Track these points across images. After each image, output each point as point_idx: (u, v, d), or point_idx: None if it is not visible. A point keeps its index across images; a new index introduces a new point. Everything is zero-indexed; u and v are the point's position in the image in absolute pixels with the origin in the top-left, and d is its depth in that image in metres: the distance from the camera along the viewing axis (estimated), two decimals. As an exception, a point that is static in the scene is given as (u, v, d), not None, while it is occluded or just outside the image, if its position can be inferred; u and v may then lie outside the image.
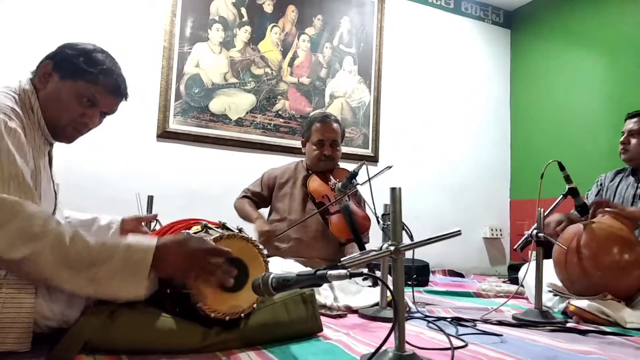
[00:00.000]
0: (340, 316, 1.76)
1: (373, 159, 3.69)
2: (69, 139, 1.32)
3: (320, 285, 1.01)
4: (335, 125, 2.40)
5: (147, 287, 1.08)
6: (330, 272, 0.95)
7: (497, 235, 4.20)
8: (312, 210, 2.31)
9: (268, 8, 3.45)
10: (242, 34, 3.35)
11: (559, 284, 2.05)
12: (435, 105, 4.07)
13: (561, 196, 2.03)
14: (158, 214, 1.69)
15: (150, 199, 2.43)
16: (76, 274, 1.03)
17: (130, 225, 1.60)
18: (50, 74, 1.25)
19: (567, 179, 2.01)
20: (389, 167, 1.99)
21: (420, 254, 3.17)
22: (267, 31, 3.44)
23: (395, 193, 1.11)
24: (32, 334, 1.06)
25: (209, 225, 1.39)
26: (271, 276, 1.03)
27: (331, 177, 2.35)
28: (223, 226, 1.41)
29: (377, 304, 1.84)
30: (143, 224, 1.65)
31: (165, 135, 3.06)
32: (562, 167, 2.00)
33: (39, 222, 1.02)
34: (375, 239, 2.45)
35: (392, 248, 1.07)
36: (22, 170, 1.08)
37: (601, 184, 2.47)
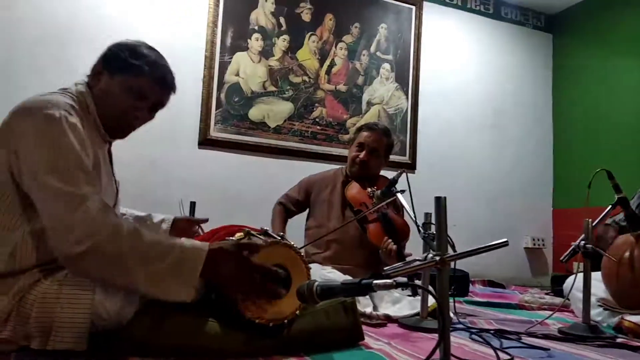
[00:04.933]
0: (380, 325, 1.75)
1: (410, 166, 3.65)
2: (122, 133, 1.36)
3: (365, 294, 1.01)
4: (381, 136, 2.38)
5: (196, 290, 1.11)
6: (375, 281, 0.95)
7: (539, 245, 4.07)
8: (351, 217, 2.31)
9: (306, 17, 3.48)
10: (281, 43, 3.40)
11: (609, 297, 1.98)
12: (474, 111, 4.00)
13: (610, 206, 1.95)
14: (209, 218, 1.73)
15: (193, 205, 2.49)
16: (130, 268, 1.07)
17: (182, 225, 1.66)
18: (101, 72, 1.29)
19: (617, 188, 1.93)
20: (402, 191, 1.98)
21: (460, 263, 3.09)
22: (305, 40, 3.47)
23: (440, 202, 1.10)
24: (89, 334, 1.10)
25: (252, 232, 1.41)
26: (316, 284, 1.04)
27: (369, 185, 2.35)
28: (265, 233, 1.43)
29: (417, 314, 1.82)
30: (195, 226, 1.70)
31: (206, 142, 3.13)
32: (610, 176, 1.92)
33: (99, 216, 1.06)
34: (411, 248, 2.43)
35: (437, 258, 1.06)
36: (85, 161, 1.12)
37: None
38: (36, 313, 1.08)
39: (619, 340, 1.67)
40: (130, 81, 1.27)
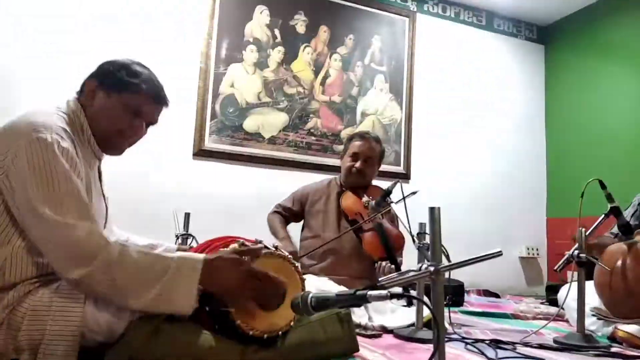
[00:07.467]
0: (375, 336, 1.75)
1: (405, 177, 3.67)
2: (119, 150, 1.37)
3: (359, 305, 1.01)
4: (373, 143, 2.41)
5: (195, 301, 1.11)
6: (370, 292, 0.95)
7: (533, 254, 4.08)
8: (346, 227, 2.31)
9: (301, 29, 3.51)
10: (276, 55, 3.42)
11: (602, 307, 1.98)
12: (468, 122, 4.03)
13: (603, 215, 1.96)
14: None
15: (187, 217, 2.49)
16: (128, 293, 1.08)
17: None
18: (95, 91, 1.30)
19: (609, 198, 1.94)
20: (414, 193, 1.98)
21: (455, 273, 3.10)
22: (300, 51, 3.50)
23: (434, 213, 1.10)
24: (80, 347, 1.09)
25: (246, 243, 1.41)
26: (310, 295, 1.03)
27: (364, 194, 2.35)
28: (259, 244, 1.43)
29: (413, 325, 1.82)
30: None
31: (201, 153, 3.13)
32: (603, 186, 1.94)
33: (89, 244, 1.07)
34: (406, 258, 2.43)
35: (431, 269, 1.06)
36: (77, 187, 1.12)
37: (639, 204, 2.39)
38: (26, 325, 1.08)
39: (613, 349, 1.67)
40: (127, 99, 1.29)
